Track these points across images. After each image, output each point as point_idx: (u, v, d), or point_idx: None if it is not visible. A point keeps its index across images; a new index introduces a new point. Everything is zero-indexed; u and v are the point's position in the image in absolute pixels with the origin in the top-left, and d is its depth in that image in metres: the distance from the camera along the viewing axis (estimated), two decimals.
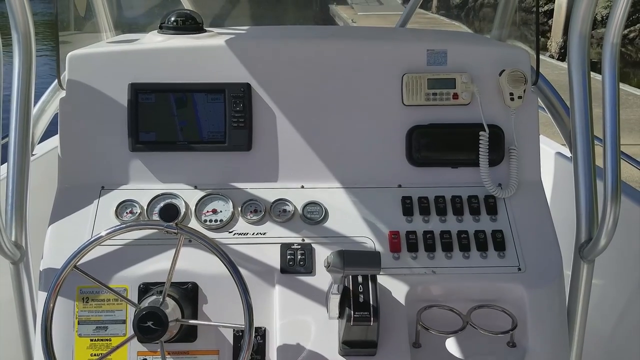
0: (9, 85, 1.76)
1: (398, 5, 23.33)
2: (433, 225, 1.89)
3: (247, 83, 1.96)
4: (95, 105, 1.95)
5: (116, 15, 2.54)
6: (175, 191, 1.92)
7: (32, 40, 1.82)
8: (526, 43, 2.39)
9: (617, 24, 1.64)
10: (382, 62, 1.99)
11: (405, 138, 1.97)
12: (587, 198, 1.80)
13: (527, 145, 1.96)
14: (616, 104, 1.68)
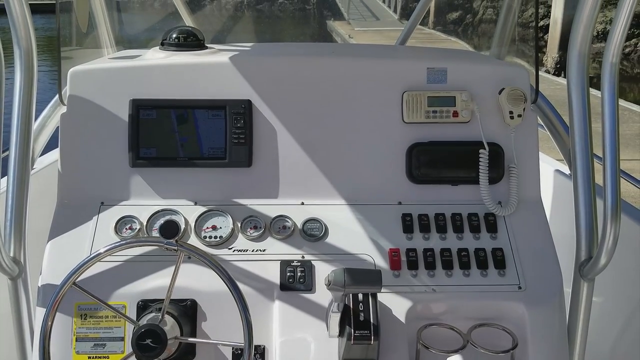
0: (10, 101, 1.76)
1: (395, 21, 23.49)
2: (433, 242, 1.88)
3: (248, 99, 1.96)
4: (96, 120, 1.96)
5: (118, 31, 2.55)
6: (175, 207, 1.91)
7: (34, 56, 1.83)
8: (525, 60, 2.41)
9: (616, 44, 1.65)
10: (383, 79, 2.00)
11: (406, 155, 1.98)
12: (586, 216, 1.80)
13: (526, 163, 1.97)
14: (615, 125, 1.68)
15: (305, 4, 37.52)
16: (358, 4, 27.89)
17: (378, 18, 24.66)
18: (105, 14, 2.49)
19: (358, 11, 26.32)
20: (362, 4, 28.18)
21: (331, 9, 30.36)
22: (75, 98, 1.96)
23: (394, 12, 24.82)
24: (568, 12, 15.80)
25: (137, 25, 3.35)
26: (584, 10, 1.73)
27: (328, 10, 31.11)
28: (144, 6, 23.73)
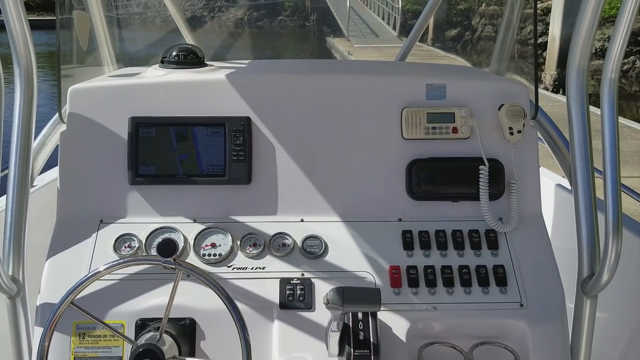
0: (10, 119, 1.76)
1: (394, 37, 23.62)
2: (434, 259, 1.87)
3: (247, 117, 1.96)
4: (95, 138, 1.96)
5: (118, 48, 2.56)
6: (174, 225, 1.91)
7: (34, 75, 1.83)
8: (523, 76, 2.41)
9: (615, 60, 1.65)
10: (382, 96, 2.00)
11: (405, 172, 1.97)
12: (588, 232, 1.79)
13: (527, 179, 1.96)
14: (616, 139, 1.68)
15: (305, 20, 37.77)
16: (357, 21, 28.06)
17: (377, 35, 24.79)
18: (106, 31, 2.50)
19: (357, 28, 26.46)
20: (361, 21, 28.35)
21: (331, 25, 30.55)
22: (75, 116, 1.96)
23: (393, 29, 24.92)
24: (566, 29, 15.91)
25: (138, 42, 3.36)
26: (582, 27, 1.73)
27: (328, 27, 31.31)
28: (144, 24, 23.84)
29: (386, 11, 26.63)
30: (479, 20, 25.91)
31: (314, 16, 36.69)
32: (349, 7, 25.37)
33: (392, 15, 25.52)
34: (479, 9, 26.44)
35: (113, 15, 2.70)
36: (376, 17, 28.60)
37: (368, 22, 27.98)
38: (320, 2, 35.82)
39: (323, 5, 34.87)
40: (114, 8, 2.99)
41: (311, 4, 37.28)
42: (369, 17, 29.37)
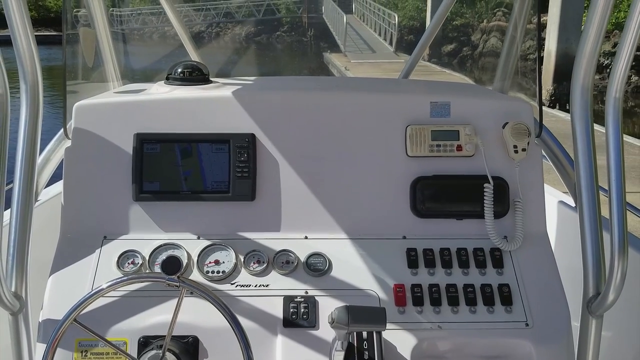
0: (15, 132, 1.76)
1: (391, 53, 23.77)
2: (439, 278, 1.86)
3: (252, 133, 1.96)
4: (100, 155, 1.95)
5: (124, 64, 2.56)
6: (177, 241, 1.90)
7: (40, 92, 1.83)
8: (524, 92, 2.42)
9: (619, 79, 1.66)
10: (386, 113, 2.00)
11: (410, 189, 1.97)
12: (593, 252, 1.78)
13: (532, 198, 1.96)
14: (621, 158, 1.68)
15: (302, 36, 38.00)
16: (354, 36, 28.24)
17: (374, 51, 24.93)
18: (112, 48, 2.51)
19: (354, 44, 26.61)
20: (358, 36, 28.53)
21: (328, 41, 30.74)
22: (80, 132, 1.96)
23: (390, 45, 25.09)
24: (561, 45, 16.06)
25: (143, 59, 3.38)
26: (586, 45, 1.74)
27: (325, 42, 31.51)
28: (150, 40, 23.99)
29: (383, 27, 26.81)
30: (475, 36, 26.16)
31: (311, 32, 36.93)
32: (345, 23, 25.54)
33: (388, 31, 25.69)
34: (476, 25, 26.70)
35: (118, 30, 2.70)
36: (373, 33, 28.78)
37: (365, 38, 28.15)
38: (317, 18, 36.13)
39: (320, 21, 35.16)
40: (118, 23, 3.00)
41: (308, 20, 37.54)
42: (366, 32, 29.55)
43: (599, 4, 1.64)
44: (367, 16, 31.09)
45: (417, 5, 30.93)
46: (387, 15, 26.34)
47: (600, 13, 1.66)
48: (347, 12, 29.33)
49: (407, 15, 31.01)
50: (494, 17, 25.31)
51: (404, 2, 32.26)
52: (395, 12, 26.34)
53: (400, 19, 26.17)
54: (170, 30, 2.96)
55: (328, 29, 32.07)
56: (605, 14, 1.66)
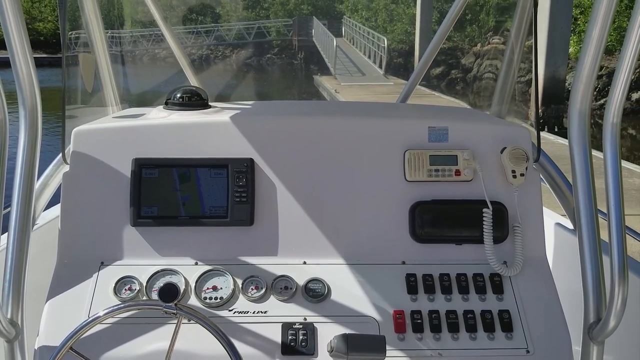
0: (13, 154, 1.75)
1: (380, 76, 23.99)
2: (438, 304, 1.85)
3: (251, 158, 1.96)
4: (98, 180, 1.94)
5: (123, 89, 2.57)
6: (175, 267, 1.88)
7: (39, 117, 1.82)
8: (520, 116, 2.44)
9: (617, 104, 1.67)
10: (384, 138, 2.01)
11: (409, 214, 1.96)
12: (593, 277, 1.78)
13: (531, 222, 1.96)
14: (619, 183, 1.69)
15: (292, 59, 38.31)
16: (344, 59, 28.49)
17: (364, 73, 25.14)
18: (111, 73, 2.51)
19: (344, 66, 26.84)
20: (348, 59, 28.79)
21: (318, 63, 31.01)
22: (78, 157, 1.95)
23: (380, 68, 25.33)
24: (549, 68, 16.25)
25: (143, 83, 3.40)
26: (583, 70, 1.75)
27: (315, 64, 31.77)
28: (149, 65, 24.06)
29: (372, 50, 27.08)
30: (465, 59, 26.49)
31: (301, 54, 37.25)
32: (335, 46, 25.77)
33: (378, 54, 25.95)
34: (465, 49, 27.06)
35: (116, 52, 2.71)
36: (362, 56, 29.06)
37: (354, 61, 28.40)
38: (307, 41, 36.46)
39: (310, 44, 35.49)
40: (117, 44, 3.01)
41: (298, 43, 37.85)
42: (355, 55, 29.83)
43: (594, 31, 1.66)
44: (357, 39, 31.42)
45: (406, 29, 31.34)
46: (376, 38, 26.63)
47: (596, 40, 1.68)
48: (336, 36, 29.64)
49: (396, 39, 31.40)
50: (482, 41, 25.72)
51: (393, 26, 32.68)
52: (384, 36, 26.65)
53: (389, 43, 26.47)
54: (170, 55, 2.96)
55: (318, 52, 32.36)
56: (601, 41, 1.68)
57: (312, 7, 41.85)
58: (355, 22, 33.28)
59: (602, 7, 1.63)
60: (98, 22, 2.39)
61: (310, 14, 39.80)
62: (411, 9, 30.19)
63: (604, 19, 1.64)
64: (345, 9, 38.31)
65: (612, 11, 1.63)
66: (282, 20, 40.90)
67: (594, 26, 1.66)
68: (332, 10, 40.64)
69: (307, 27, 37.91)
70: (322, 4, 42.30)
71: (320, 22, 35.07)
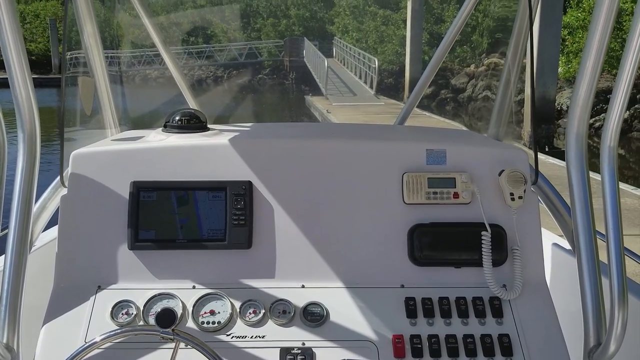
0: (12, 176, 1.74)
1: (371, 96, 24.16)
2: (438, 328, 1.84)
3: (249, 181, 1.95)
4: (96, 203, 1.93)
5: (122, 111, 2.57)
6: (172, 291, 1.86)
7: (38, 141, 1.81)
8: (516, 136, 2.44)
9: (613, 129, 1.68)
10: (383, 161, 2.01)
11: (407, 237, 1.96)
12: (593, 301, 1.77)
13: (529, 245, 1.96)
14: (617, 208, 1.69)
15: (284, 79, 38.50)
16: (335, 79, 28.67)
17: (355, 93, 25.30)
18: (110, 95, 2.51)
19: (335, 87, 27.01)
20: (339, 79, 28.97)
21: (309, 84, 31.18)
22: (76, 180, 1.94)
23: (370, 88, 25.50)
24: (538, 89, 16.40)
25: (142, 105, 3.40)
26: (579, 94, 1.76)
27: (306, 85, 31.94)
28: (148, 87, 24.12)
29: (363, 70, 27.29)
30: (456, 80, 26.75)
31: (292, 75, 37.44)
32: (327, 67, 25.93)
33: (369, 74, 26.14)
34: (456, 69, 27.32)
35: (116, 73, 2.71)
36: (353, 76, 29.26)
37: (345, 81, 28.60)
38: (299, 62, 36.70)
39: (301, 65, 35.71)
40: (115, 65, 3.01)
41: (290, 63, 38.08)
42: (346, 75, 30.05)
43: (591, 55, 1.68)
44: (347, 60, 31.65)
45: (396, 50, 31.63)
46: (367, 59, 26.85)
47: (592, 63, 1.69)
48: (327, 56, 29.86)
49: (386, 60, 31.67)
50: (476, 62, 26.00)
51: (383, 47, 32.97)
52: (375, 57, 26.87)
53: (380, 63, 26.69)
54: (169, 77, 2.97)
55: (309, 72, 32.55)
56: (597, 65, 1.69)
57: (303, 28, 42.24)
58: (345, 43, 33.58)
59: (597, 32, 1.64)
60: (97, 46, 2.40)
61: (301, 35, 40.14)
62: (401, 30, 30.51)
63: (599, 44, 1.65)
64: (336, 30, 38.65)
65: (608, 36, 1.65)
66: (274, 42, 41.22)
67: (590, 51, 1.67)
68: (323, 31, 40.99)
69: (298, 48, 38.18)
70: (313, 25, 42.69)
71: (311, 43, 35.36)
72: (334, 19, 39.94)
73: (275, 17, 43.91)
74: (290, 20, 43.40)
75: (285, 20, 43.46)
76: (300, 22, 43.03)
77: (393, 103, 22.87)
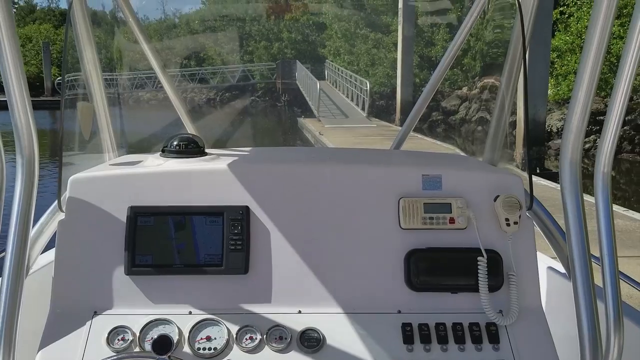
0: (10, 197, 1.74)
1: (363, 118, 24.30)
2: (435, 354, 1.83)
3: (246, 206, 1.96)
4: (93, 228, 1.93)
5: (120, 135, 2.57)
6: (169, 316, 1.85)
7: (36, 166, 1.81)
8: (508, 158, 2.45)
9: (607, 154, 1.70)
10: (379, 186, 2.02)
11: (404, 262, 1.96)
12: (589, 326, 1.77)
13: (525, 271, 1.96)
14: (612, 233, 1.71)
15: (276, 101, 38.69)
16: (327, 102, 28.84)
17: (347, 116, 25.44)
18: (109, 119, 2.52)
19: (327, 109, 27.16)
20: (331, 102, 29.14)
21: (301, 106, 31.33)
22: (74, 205, 1.94)
23: (362, 110, 25.66)
24: (529, 111, 16.55)
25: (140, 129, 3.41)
26: (572, 121, 1.78)
27: (298, 107, 32.09)
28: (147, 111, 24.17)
29: (355, 93, 27.48)
30: (447, 102, 26.96)
31: (285, 97, 37.63)
32: (319, 90, 26.10)
33: (360, 96, 26.32)
34: (446, 92, 27.55)
35: (114, 96, 2.72)
36: (345, 98, 29.45)
37: (337, 103, 28.76)
38: (291, 84, 36.93)
39: (293, 87, 35.93)
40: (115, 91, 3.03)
41: (282, 86, 38.31)
42: (338, 98, 30.23)
43: (583, 82, 1.70)
44: (339, 82, 31.88)
45: (387, 73, 31.89)
46: (358, 81, 27.06)
47: (585, 90, 1.71)
48: (319, 79, 30.07)
49: (378, 82, 31.92)
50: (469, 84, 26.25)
51: (375, 69, 33.25)
52: (366, 79, 27.08)
53: (371, 86, 26.89)
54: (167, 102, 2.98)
55: (301, 94, 32.73)
56: (591, 91, 1.71)
57: (296, 51, 42.58)
58: (337, 66, 33.84)
59: (589, 60, 1.66)
60: (97, 71, 2.41)
61: (293, 58, 40.44)
62: (392, 53, 30.79)
63: (591, 72, 1.67)
64: (328, 53, 38.97)
65: (600, 64, 1.67)
66: (266, 64, 41.51)
67: (582, 79, 1.69)
68: (315, 54, 41.32)
69: (290, 71, 38.46)
70: (305, 48, 43.06)
71: (303, 65, 35.61)
72: (325, 42, 40.28)
73: (268, 40, 44.29)
74: (282, 43, 43.78)
75: (277, 43, 43.83)
76: (293, 45, 43.40)
77: (385, 125, 23.01)
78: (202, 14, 45.94)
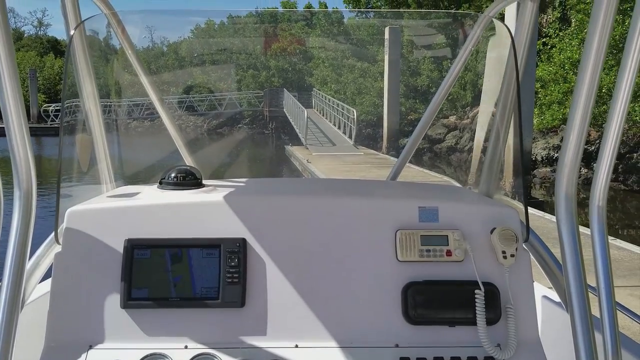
0: None
1: (350, 146, 24.39)
2: None
3: (243, 238, 1.95)
4: (90, 261, 1.91)
5: (118, 167, 2.56)
6: (164, 351, 1.82)
7: (34, 200, 1.80)
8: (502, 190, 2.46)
9: (601, 187, 1.71)
10: (376, 218, 2.02)
11: (401, 295, 1.95)
12: (587, 357, 1.77)
13: (523, 304, 1.96)
14: (608, 266, 1.72)
15: (263, 129, 38.80)
16: (315, 129, 28.95)
17: (334, 143, 25.52)
18: (107, 151, 2.51)
19: (315, 137, 27.23)
20: (318, 129, 29.26)
21: (289, 133, 31.41)
22: (71, 238, 1.92)
23: (349, 138, 25.77)
24: (517, 139, 16.70)
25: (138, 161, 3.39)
26: (567, 155, 1.79)
27: (286, 134, 32.18)
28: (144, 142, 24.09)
29: (342, 121, 27.64)
30: (433, 130, 27.19)
31: (272, 124, 37.76)
32: (306, 118, 26.20)
33: (347, 124, 26.47)
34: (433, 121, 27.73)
35: (112, 123, 2.71)
36: (332, 127, 29.59)
37: (325, 131, 28.87)
38: (278, 112, 37.11)
39: (281, 115, 36.08)
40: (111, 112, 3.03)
41: (270, 114, 38.46)
42: (325, 126, 30.37)
43: (577, 114, 1.72)
44: (326, 110, 32.07)
45: (374, 101, 32.15)
46: (346, 110, 27.24)
47: (579, 122, 1.72)
48: (306, 107, 30.22)
49: (364, 110, 32.14)
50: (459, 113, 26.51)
51: (361, 98, 33.51)
52: (353, 107, 27.27)
53: (358, 114, 27.07)
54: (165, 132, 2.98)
55: (289, 122, 32.85)
56: (585, 123, 1.72)
57: (283, 79, 42.85)
58: (324, 94, 34.08)
59: (581, 97, 1.68)
60: (96, 104, 2.40)
61: (281, 86, 40.69)
62: (379, 82, 31.09)
63: (584, 109, 1.70)
64: (315, 82, 39.27)
65: (592, 99, 1.69)
66: (254, 92, 41.71)
67: (575, 116, 1.71)
68: (302, 82, 41.61)
69: (277, 99, 38.65)
70: (292, 77, 43.34)
71: (290, 94, 35.82)
72: (313, 71, 40.63)
73: (255, 69, 44.58)
74: (270, 72, 44.07)
75: (265, 72, 44.11)
76: (280, 73, 43.68)
77: (372, 153, 23.11)
78: (191, 44, 46.25)
